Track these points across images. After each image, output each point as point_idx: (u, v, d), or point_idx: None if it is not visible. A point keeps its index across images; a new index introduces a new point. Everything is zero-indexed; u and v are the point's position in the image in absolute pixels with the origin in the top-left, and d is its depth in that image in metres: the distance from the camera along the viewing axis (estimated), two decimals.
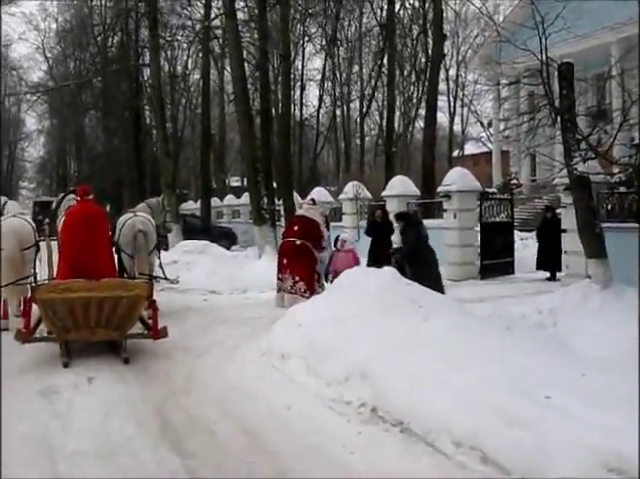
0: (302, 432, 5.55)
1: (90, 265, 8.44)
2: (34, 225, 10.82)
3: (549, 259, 15.61)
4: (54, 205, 12.08)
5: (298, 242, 10.73)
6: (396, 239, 12.48)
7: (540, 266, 15.97)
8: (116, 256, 10.66)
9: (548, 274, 15.79)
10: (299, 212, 12.03)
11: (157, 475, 4.72)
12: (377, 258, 12.00)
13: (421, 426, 5.09)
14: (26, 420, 5.77)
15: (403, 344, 6.24)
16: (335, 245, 11.83)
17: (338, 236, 12.26)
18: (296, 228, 11.07)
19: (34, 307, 8.03)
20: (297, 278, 10.38)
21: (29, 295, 8.11)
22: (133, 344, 8.33)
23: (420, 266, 9.07)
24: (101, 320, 7.92)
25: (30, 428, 5.56)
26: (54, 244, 9.62)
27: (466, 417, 4.81)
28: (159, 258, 11.74)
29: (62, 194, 12.38)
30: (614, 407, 4.51)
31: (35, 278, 10.14)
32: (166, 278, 11.60)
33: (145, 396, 6.65)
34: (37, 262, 10.46)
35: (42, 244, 10.44)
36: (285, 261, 10.72)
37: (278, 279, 10.72)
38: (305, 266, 10.44)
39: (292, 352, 7.24)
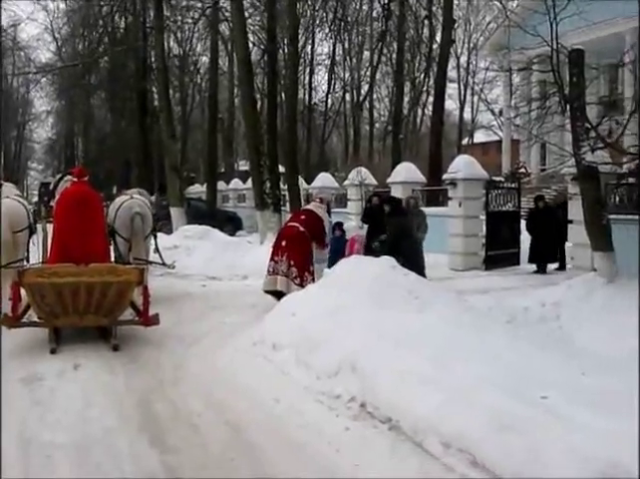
0: (288, 427, 5.34)
1: (82, 249, 8.28)
2: (28, 207, 10.64)
3: (539, 252, 15.40)
4: (51, 186, 11.89)
5: (301, 229, 10.49)
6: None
7: (531, 259, 15.72)
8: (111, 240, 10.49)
9: (535, 267, 15.56)
10: (307, 207, 11.81)
11: (132, 471, 4.52)
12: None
13: (410, 424, 4.87)
14: (3, 409, 5.57)
15: (395, 338, 6.02)
16: (333, 232, 11.68)
17: (337, 223, 12.01)
18: (303, 217, 10.85)
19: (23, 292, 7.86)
20: (292, 262, 10.12)
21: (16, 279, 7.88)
22: (123, 331, 8.16)
23: (398, 258, 8.81)
24: (90, 306, 7.75)
25: (6, 417, 5.35)
26: (50, 227, 9.44)
27: (456, 417, 4.57)
28: (155, 243, 11.54)
29: (59, 175, 12.19)
30: (613, 411, 4.27)
31: (28, 261, 9.99)
32: (163, 263, 11.42)
33: (130, 386, 6.46)
34: (31, 245, 10.30)
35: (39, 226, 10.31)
36: (284, 244, 10.42)
37: (272, 261, 10.41)
38: (302, 254, 10.18)
39: (284, 343, 7.03)
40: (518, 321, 8.65)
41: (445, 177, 17.10)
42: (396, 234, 11.12)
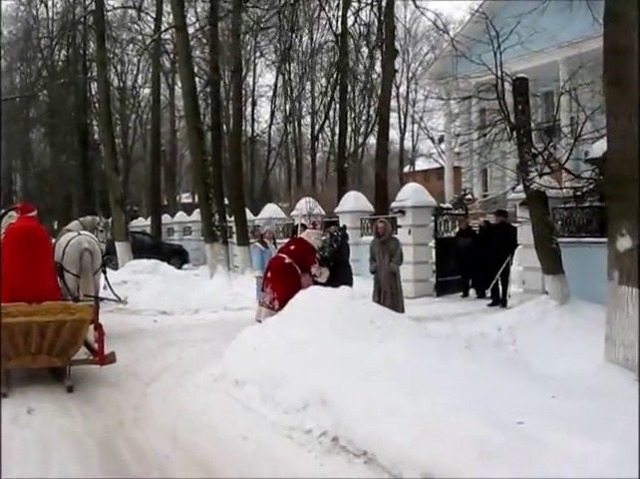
0: (260, 465, 5.18)
1: (32, 286, 7.97)
2: None
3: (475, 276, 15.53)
4: None
5: (287, 261, 10.45)
6: None
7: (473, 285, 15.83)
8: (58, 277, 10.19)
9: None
10: (300, 235, 11.79)
11: None
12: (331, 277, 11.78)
13: (386, 457, 4.78)
14: None
15: (363, 369, 5.96)
16: None
17: None
18: (292, 248, 10.81)
19: None
20: (275, 294, 10.09)
21: None
22: (78, 371, 7.88)
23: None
24: (43, 346, 7.49)
25: None
26: None
27: (433, 447, 4.51)
28: (105, 279, 11.28)
29: (3, 211, 11.81)
30: (589, 434, 4.29)
31: None
32: (116, 298, 11.17)
33: (89, 429, 6.19)
34: None
35: None
36: (269, 275, 10.51)
37: (262, 292, 10.53)
38: (286, 286, 10.04)
39: (247, 378, 6.89)
40: (476, 347, 8.68)
41: (393, 205, 17.19)
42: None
